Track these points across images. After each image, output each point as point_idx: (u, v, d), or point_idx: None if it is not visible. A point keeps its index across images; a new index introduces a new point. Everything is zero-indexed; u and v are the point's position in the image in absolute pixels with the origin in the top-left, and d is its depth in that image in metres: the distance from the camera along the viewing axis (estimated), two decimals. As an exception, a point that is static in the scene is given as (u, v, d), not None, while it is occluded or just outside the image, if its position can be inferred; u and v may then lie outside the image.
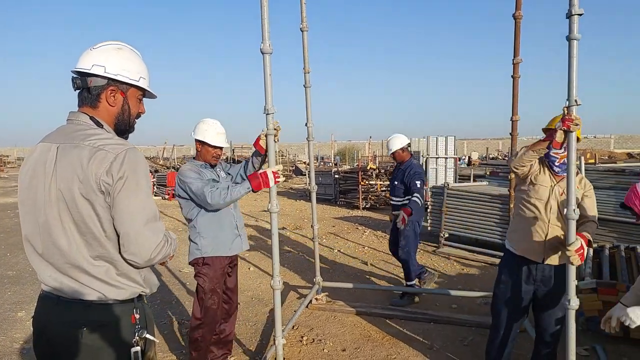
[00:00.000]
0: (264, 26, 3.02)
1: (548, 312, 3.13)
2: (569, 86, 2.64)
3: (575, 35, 2.61)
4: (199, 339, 3.42)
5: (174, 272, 6.59)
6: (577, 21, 2.60)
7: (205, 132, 3.42)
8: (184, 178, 3.28)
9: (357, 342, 4.27)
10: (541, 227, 3.10)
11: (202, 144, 3.44)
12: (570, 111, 2.59)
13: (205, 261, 3.39)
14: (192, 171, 3.32)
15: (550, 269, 3.10)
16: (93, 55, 1.74)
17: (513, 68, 4.97)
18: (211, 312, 3.42)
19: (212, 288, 3.42)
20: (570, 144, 2.62)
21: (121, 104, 1.79)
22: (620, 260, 4.96)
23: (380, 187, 13.88)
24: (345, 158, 38.31)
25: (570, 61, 2.63)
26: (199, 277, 3.42)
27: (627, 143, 52.70)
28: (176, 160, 26.18)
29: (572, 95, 2.63)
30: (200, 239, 3.38)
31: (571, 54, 2.63)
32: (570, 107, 2.61)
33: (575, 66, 2.62)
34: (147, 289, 1.79)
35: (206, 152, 3.45)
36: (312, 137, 4.97)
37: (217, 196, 3.17)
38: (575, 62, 2.62)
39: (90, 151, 1.60)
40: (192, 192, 3.25)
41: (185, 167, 3.39)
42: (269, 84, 3.10)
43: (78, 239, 1.62)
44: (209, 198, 3.17)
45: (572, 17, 2.61)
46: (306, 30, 4.71)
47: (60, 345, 1.64)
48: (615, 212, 7.18)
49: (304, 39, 4.74)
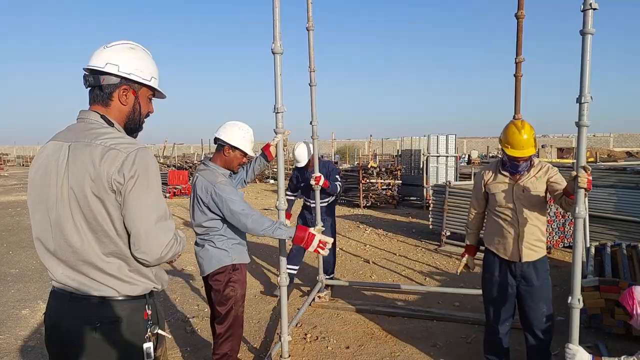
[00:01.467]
0: (275, 27, 3.04)
1: (532, 307, 3.17)
2: (582, 82, 2.57)
3: (589, 30, 2.54)
4: (229, 352, 3.23)
5: (178, 270, 6.60)
6: (591, 15, 2.53)
7: (242, 139, 3.21)
8: (222, 193, 3.00)
9: (361, 339, 4.29)
10: (512, 230, 3.16)
11: (234, 150, 3.21)
12: (586, 171, 2.62)
13: (236, 267, 3.20)
14: (231, 187, 3.07)
15: (528, 265, 3.15)
16: (106, 54, 1.75)
17: (515, 67, 4.98)
18: (240, 320, 3.27)
19: (243, 294, 3.28)
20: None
21: (132, 103, 1.81)
22: (622, 258, 4.98)
23: (381, 186, 13.90)
24: (345, 156, 38.30)
25: (583, 56, 2.55)
26: (230, 285, 3.16)
27: (626, 142, 52.69)
28: (176, 158, 26.18)
29: (584, 91, 2.57)
30: (229, 244, 3.17)
31: (585, 49, 2.55)
32: (584, 169, 2.63)
33: (588, 61, 2.54)
34: (159, 285, 1.80)
35: (235, 158, 3.24)
36: (317, 136, 5.00)
37: (258, 225, 2.99)
38: (589, 57, 2.54)
39: (102, 150, 1.61)
40: (231, 210, 2.99)
41: (222, 181, 3.08)
42: (279, 84, 3.12)
43: (90, 237, 1.63)
44: (250, 223, 2.98)
45: (587, 11, 2.54)
46: (312, 30, 4.74)
47: (73, 341, 1.66)
48: (616, 210, 7.21)
49: (309, 38, 4.76)
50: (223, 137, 3.20)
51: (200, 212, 3.12)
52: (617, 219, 7.19)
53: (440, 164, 13.19)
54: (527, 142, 3.04)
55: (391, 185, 14.09)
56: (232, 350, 3.26)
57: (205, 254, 3.18)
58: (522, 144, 3.04)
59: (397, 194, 14.07)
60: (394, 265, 7.03)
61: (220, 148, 3.24)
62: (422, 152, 14.40)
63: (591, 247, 5.37)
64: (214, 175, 3.11)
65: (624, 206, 7.16)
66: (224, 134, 3.21)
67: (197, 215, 3.16)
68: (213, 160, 3.28)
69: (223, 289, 3.15)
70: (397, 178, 14.53)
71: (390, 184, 14.08)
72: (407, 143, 21.17)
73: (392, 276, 6.47)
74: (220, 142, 3.22)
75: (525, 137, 3.03)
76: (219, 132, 3.23)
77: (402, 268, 6.86)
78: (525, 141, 3.03)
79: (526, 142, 3.04)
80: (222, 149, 3.22)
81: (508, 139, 3.09)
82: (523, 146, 3.04)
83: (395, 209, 13.45)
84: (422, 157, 14.22)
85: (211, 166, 3.22)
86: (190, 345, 4.19)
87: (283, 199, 3.33)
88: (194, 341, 4.29)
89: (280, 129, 3.25)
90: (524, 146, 3.04)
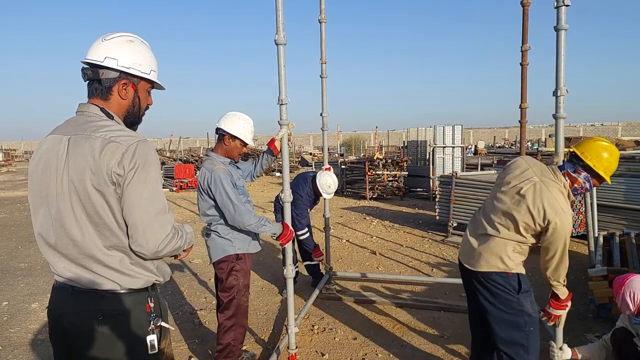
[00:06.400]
0: (279, 17, 3.03)
1: (488, 323, 2.68)
2: (557, 76, 2.73)
3: (563, 26, 2.70)
4: (232, 343, 3.25)
5: (185, 263, 6.63)
6: (564, 12, 2.69)
7: (242, 129, 3.27)
8: (217, 179, 3.10)
9: (368, 330, 4.29)
10: (467, 233, 2.88)
11: (234, 139, 3.28)
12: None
13: (239, 257, 3.27)
14: (229, 178, 3.14)
15: (482, 275, 2.64)
16: (105, 47, 1.73)
17: (521, 55, 4.93)
18: (243, 309, 3.31)
19: (247, 284, 3.32)
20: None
21: (132, 97, 1.80)
22: (631, 247, 4.94)
23: (387, 177, 13.86)
24: (351, 149, 38.24)
25: (558, 51, 2.72)
26: (233, 273, 3.24)
27: (634, 130, 52.24)
28: (182, 152, 26.25)
29: (560, 84, 2.72)
30: (234, 234, 3.25)
31: (559, 44, 2.71)
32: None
33: (563, 56, 2.71)
34: (161, 278, 1.80)
35: (235, 148, 3.31)
36: (327, 127, 5.00)
37: (243, 219, 3.11)
38: (564, 52, 2.71)
39: (102, 143, 1.60)
40: (221, 197, 3.08)
41: (220, 168, 3.16)
42: (283, 75, 3.12)
43: (91, 230, 1.63)
44: (237, 215, 3.09)
45: (560, 7, 2.70)
46: (324, 22, 4.75)
47: (76, 335, 1.66)
48: (625, 199, 7.14)
49: (321, 30, 4.78)
50: (223, 127, 3.28)
51: (203, 200, 3.24)
52: (626, 208, 7.13)
53: (447, 154, 13.13)
54: None
55: (397, 176, 14.05)
56: (236, 340, 3.28)
57: (212, 243, 3.30)
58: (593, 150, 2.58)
59: (403, 186, 14.04)
60: (401, 256, 7.02)
61: (221, 138, 3.33)
62: (428, 143, 14.32)
63: (599, 237, 5.33)
64: (213, 163, 3.22)
65: (632, 195, 7.09)
66: (224, 123, 3.29)
67: (200, 203, 3.28)
68: (214, 150, 3.39)
69: (226, 278, 3.24)
70: (403, 169, 14.49)
71: (397, 176, 14.04)
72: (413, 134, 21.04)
73: (399, 267, 6.46)
74: (221, 132, 3.30)
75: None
76: (220, 122, 3.32)
77: (408, 259, 6.85)
78: None
79: None
80: (223, 139, 3.30)
81: (613, 166, 2.57)
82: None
83: (401, 200, 13.42)
84: (428, 148, 14.15)
85: (212, 155, 3.33)
86: (197, 338, 4.21)
87: (288, 190, 3.34)
88: (202, 333, 4.31)
89: (285, 121, 3.23)
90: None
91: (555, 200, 2.40)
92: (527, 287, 2.61)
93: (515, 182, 2.55)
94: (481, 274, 2.62)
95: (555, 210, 2.38)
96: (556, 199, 2.41)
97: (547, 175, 2.52)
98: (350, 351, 3.91)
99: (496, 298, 2.59)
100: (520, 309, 2.56)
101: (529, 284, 2.64)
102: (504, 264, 2.55)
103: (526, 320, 2.57)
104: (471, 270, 2.68)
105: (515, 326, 2.57)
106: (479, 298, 2.67)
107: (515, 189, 2.53)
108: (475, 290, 2.70)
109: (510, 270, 2.56)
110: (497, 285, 2.58)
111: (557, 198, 2.41)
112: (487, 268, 2.59)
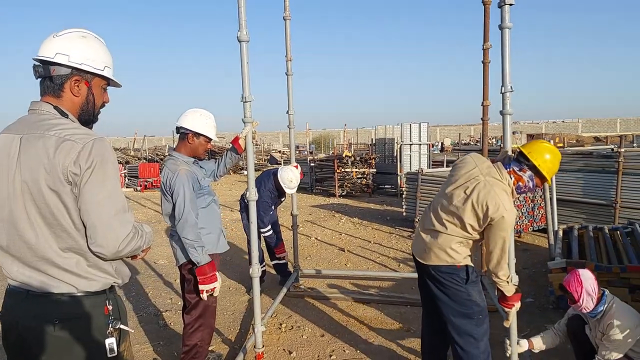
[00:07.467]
0: (241, 14, 3.00)
1: (441, 312, 2.81)
2: (503, 74, 2.79)
3: (507, 24, 2.76)
4: (199, 344, 3.18)
5: (149, 264, 6.49)
6: (508, 10, 2.75)
7: (205, 125, 3.17)
8: (177, 182, 2.99)
9: (336, 327, 4.30)
10: (419, 228, 2.92)
11: (198, 136, 3.17)
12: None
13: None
14: (192, 183, 3.03)
15: (433, 268, 2.75)
16: (56, 43, 1.67)
17: (483, 53, 5.02)
18: (211, 310, 3.23)
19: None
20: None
21: (85, 94, 1.74)
22: (589, 240, 5.12)
23: (356, 175, 13.95)
24: (320, 146, 38.30)
25: (503, 49, 2.77)
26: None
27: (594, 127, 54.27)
28: (147, 151, 25.72)
29: (506, 81, 2.78)
30: (200, 234, 3.10)
31: (504, 43, 2.77)
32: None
33: (508, 54, 2.77)
34: (119, 280, 1.75)
35: (200, 145, 3.20)
36: (293, 125, 4.98)
37: (185, 231, 2.96)
38: (508, 50, 2.77)
39: (56, 141, 1.55)
40: (177, 200, 2.98)
41: (183, 169, 3.05)
42: (246, 72, 3.08)
43: (46, 232, 1.58)
44: (181, 222, 2.96)
45: (504, 6, 2.76)
46: (289, 19, 4.73)
47: (31, 340, 1.60)
48: (584, 194, 7.40)
49: (286, 27, 4.75)
50: (185, 125, 3.15)
51: (166, 201, 3.13)
52: (584, 202, 7.40)
53: (414, 152, 13.29)
54: None
55: (366, 174, 14.16)
56: (203, 341, 3.21)
57: (178, 245, 3.15)
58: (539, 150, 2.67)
59: (371, 183, 14.17)
60: (369, 252, 7.08)
61: (183, 136, 3.20)
62: (395, 140, 14.48)
63: (559, 230, 5.50)
64: (176, 164, 3.11)
65: (590, 190, 7.36)
66: (186, 121, 3.16)
67: (164, 204, 3.17)
68: (177, 149, 3.25)
69: (193, 279, 3.11)
70: (371, 167, 14.60)
71: (365, 173, 14.15)
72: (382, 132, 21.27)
73: (367, 264, 6.51)
74: (184, 131, 3.17)
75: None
76: (181, 121, 3.18)
77: (376, 255, 6.92)
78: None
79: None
80: (186, 137, 3.18)
81: (555, 168, 2.68)
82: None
83: (370, 197, 13.54)
84: (395, 145, 14.31)
85: (175, 155, 3.21)
86: (162, 339, 4.13)
87: (253, 189, 3.30)
88: (167, 335, 4.23)
89: (249, 119, 3.19)
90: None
91: (498, 198, 2.51)
92: (474, 278, 2.75)
93: (461, 181, 2.66)
94: (432, 267, 2.74)
95: (497, 207, 2.49)
96: (499, 197, 2.52)
97: (492, 174, 2.62)
98: (317, 348, 3.92)
99: (447, 289, 2.72)
100: (468, 299, 2.71)
101: (476, 275, 2.78)
102: (452, 258, 2.68)
103: (475, 309, 2.72)
104: (423, 264, 2.80)
105: (465, 315, 2.72)
106: (432, 289, 2.80)
107: (462, 188, 2.64)
108: (428, 281, 2.82)
109: (458, 263, 2.69)
110: (446, 277, 2.71)
111: (500, 196, 2.52)
112: (437, 262, 2.71)
